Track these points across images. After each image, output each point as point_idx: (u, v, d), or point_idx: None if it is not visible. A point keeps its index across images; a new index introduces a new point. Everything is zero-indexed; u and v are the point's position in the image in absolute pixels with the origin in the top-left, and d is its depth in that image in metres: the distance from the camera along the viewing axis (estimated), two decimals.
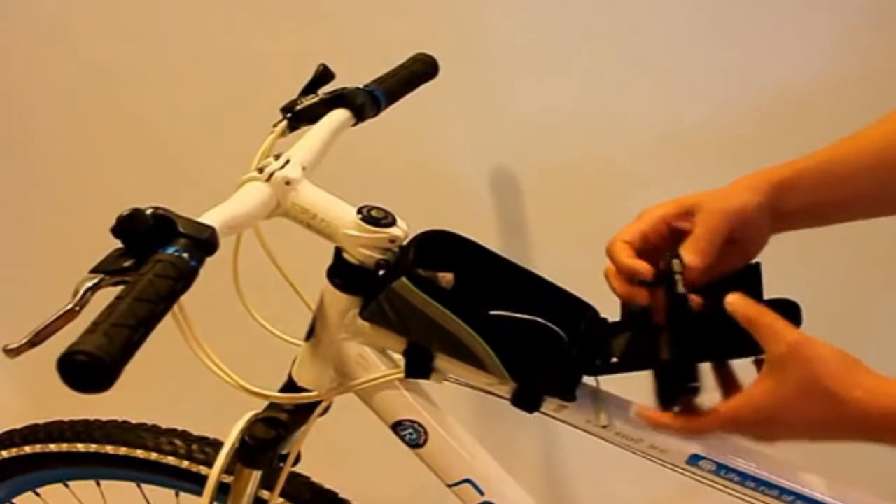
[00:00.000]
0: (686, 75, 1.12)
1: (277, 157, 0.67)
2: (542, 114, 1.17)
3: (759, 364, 0.61)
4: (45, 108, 1.35)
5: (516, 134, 1.19)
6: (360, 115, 0.81)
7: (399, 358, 0.70)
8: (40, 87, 1.33)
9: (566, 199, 1.21)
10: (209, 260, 0.52)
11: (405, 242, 0.67)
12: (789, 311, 0.64)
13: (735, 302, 0.60)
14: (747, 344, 0.60)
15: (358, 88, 0.82)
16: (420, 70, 0.92)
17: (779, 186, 0.65)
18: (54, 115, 1.34)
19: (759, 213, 0.64)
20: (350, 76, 0.83)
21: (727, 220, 0.63)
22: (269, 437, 0.73)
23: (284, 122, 0.77)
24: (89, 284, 0.48)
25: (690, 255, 0.63)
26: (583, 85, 1.15)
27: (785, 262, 1.20)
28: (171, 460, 0.89)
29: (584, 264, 0.69)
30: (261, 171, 0.65)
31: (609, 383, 0.70)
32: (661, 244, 0.66)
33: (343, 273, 0.68)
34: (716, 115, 1.13)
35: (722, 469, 0.68)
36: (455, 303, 0.65)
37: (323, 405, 0.77)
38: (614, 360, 0.67)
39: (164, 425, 0.93)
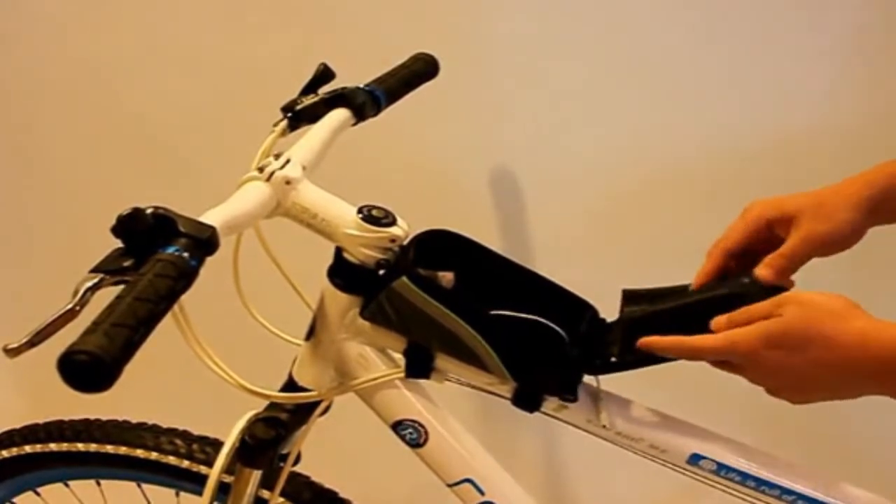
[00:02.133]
0: (688, 77, 1.12)
1: (278, 156, 0.67)
2: (543, 113, 1.17)
3: None
4: (45, 108, 1.35)
5: (516, 134, 1.19)
6: (360, 115, 0.81)
7: (399, 357, 0.70)
8: (40, 87, 1.33)
9: (566, 198, 1.21)
10: (209, 260, 0.52)
11: (405, 242, 0.67)
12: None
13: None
14: None
15: (358, 88, 0.82)
16: (420, 70, 0.92)
17: (879, 193, 0.64)
18: (54, 115, 1.34)
19: (856, 231, 0.64)
20: (350, 76, 0.83)
21: (819, 244, 0.64)
22: (270, 437, 0.73)
23: (285, 122, 0.77)
24: (89, 284, 0.48)
25: (766, 270, 0.64)
26: (583, 85, 1.14)
27: None
28: (171, 460, 0.89)
29: (584, 264, 0.69)
30: (261, 170, 0.65)
31: (609, 383, 0.70)
32: (759, 246, 0.66)
33: (343, 273, 0.68)
34: (718, 118, 1.13)
35: (722, 469, 0.68)
36: (455, 302, 0.65)
37: (323, 405, 0.77)
38: (613, 359, 0.67)
39: (164, 425, 0.93)
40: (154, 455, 0.89)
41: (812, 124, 1.10)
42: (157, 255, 0.49)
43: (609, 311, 0.70)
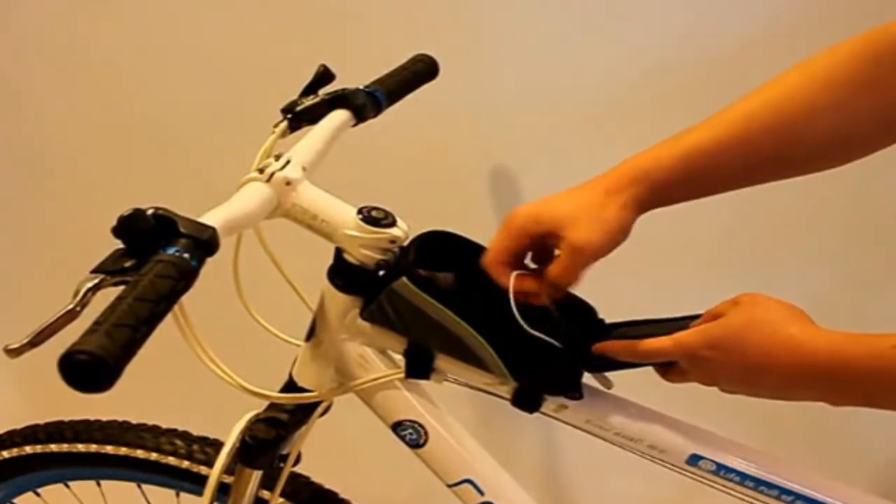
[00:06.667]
0: (688, 79, 1.12)
1: (278, 157, 0.67)
2: (543, 114, 1.17)
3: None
4: (46, 108, 1.35)
5: (516, 134, 1.19)
6: (360, 116, 0.81)
7: (399, 358, 0.70)
8: (41, 87, 1.33)
9: None
10: (209, 260, 0.52)
11: (405, 243, 0.67)
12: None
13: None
14: None
15: (358, 89, 0.82)
16: (420, 71, 0.92)
17: (647, 180, 0.64)
18: (56, 115, 1.34)
19: (624, 230, 0.64)
20: (350, 77, 0.83)
21: (590, 253, 0.63)
22: (270, 438, 0.73)
23: (285, 123, 0.77)
24: (90, 285, 0.48)
25: (554, 292, 0.65)
26: (584, 85, 1.15)
27: (786, 262, 1.21)
28: (171, 460, 0.89)
29: None
30: (261, 171, 0.65)
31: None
32: (526, 250, 0.67)
33: (343, 273, 0.68)
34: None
35: (722, 469, 0.68)
36: (455, 302, 0.65)
37: (323, 405, 0.77)
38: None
39: (164, 425, 0.93)
40: (154, 456, 0.89)
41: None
42: (158, 256, 0.49)
43: (608, 311, 0.70)
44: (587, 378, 0.69)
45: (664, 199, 0.65)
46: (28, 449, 0.93)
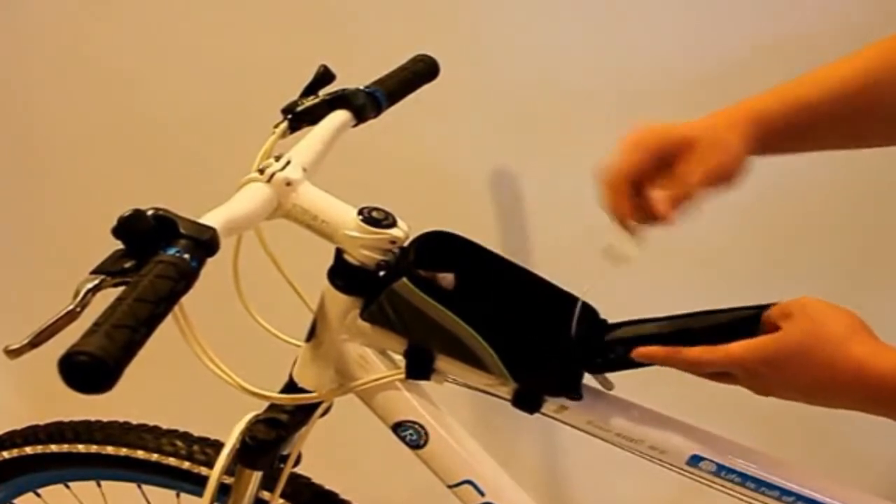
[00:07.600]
0: (689, 80, 1.12)
1: (278, 158, 0.67)
2: (543, 115, 1.17)
3: None
4: (47, 108, 1.35)
5: (516, 134, 1.19)
6: (360, 116, 0.81)
7: (400, 359, 0.70)
8: (42, 88, 1.33)
9: (566, 200, 1.21)
10: (210, 260, 0.52)
11: (406, 243, 0.67)
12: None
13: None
14: None
15: (358, 89, 0.82)
16: (421, 71, 0.92)
17: (760, 122, 0.63)
18: (56, 116, 1.34)
19: (741, 162, 0.63)
20: (351, 77, 0.83)
21: (719, 177, 0.62)
22: (270, 438, 0.73)
23: (285, 123, 0.77)
24: (90, 285, 0.48)
25: (668, 208, 0.63)
26: (584, 86, 1.14)
27: (787, 262, 1.21)
28: (171, 461, 0.89)
29: (584, 264, 0.69)
30: (261, 172, 0.65)
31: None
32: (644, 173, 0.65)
33: (344, 274, 0.68)
34: None
35: (722, 470, 0.68)
36: (456, 303, 0.65)
37: (323, 406, 0.77)
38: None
39: (164, 426, 0.93)
40: (155, 456, 0.89)
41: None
42: (158, 257, 0.49)
43: (608, 311, 0.70)
44: (588, 379, 0.69)
45: (772, 146, 0.64)
46: (28, 449, 0.93)
